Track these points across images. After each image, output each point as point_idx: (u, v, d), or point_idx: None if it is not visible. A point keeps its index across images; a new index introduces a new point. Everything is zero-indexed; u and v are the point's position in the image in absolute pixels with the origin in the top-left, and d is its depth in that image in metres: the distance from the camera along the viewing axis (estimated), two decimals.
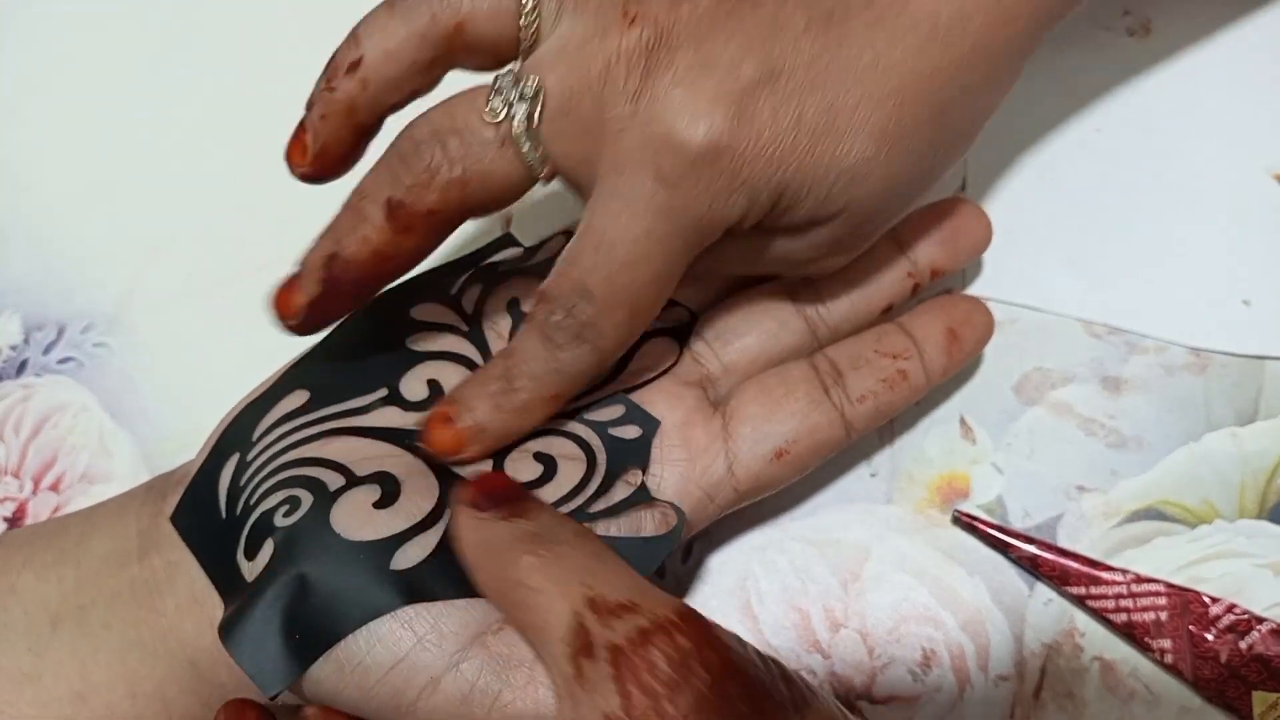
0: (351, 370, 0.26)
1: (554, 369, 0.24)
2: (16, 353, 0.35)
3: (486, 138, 0.23)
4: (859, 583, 0.29)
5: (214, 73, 0.38)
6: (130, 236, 0.36)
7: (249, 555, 0.23)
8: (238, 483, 0.24)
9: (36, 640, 0.24)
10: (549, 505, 0.23)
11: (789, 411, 0.27)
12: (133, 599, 0.24)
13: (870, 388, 0.27)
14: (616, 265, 0.23)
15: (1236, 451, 0.30)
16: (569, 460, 0.25)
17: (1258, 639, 0.27)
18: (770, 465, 0.26)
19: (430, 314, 0.27)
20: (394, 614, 0.22)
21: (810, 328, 0.28)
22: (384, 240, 0.24)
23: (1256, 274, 0.32)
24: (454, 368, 0.26)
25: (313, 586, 0.22)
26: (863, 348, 0.28)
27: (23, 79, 0.39)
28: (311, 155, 0.25)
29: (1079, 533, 0.29)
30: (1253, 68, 0.34)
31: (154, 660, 0.23)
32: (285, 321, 0.25)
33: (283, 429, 0.25)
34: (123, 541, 0.24)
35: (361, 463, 0.24)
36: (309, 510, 0.23)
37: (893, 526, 0.30)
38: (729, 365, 0.28)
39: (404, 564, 0.22)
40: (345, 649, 0.22)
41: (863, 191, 0.24)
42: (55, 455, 0.33)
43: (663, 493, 0.25)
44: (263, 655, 0.21)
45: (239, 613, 0.22)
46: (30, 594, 0.24)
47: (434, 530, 0.23)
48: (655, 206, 0.22)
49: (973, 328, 0.29)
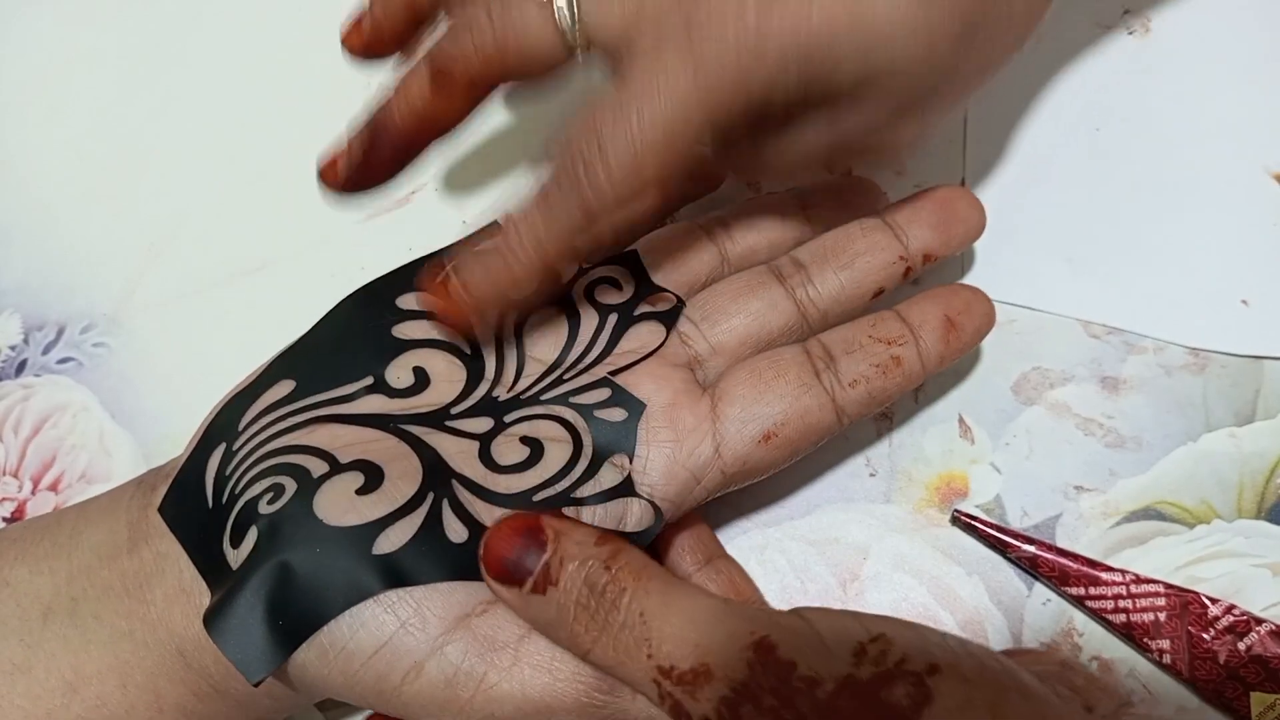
0: (337, 359, 0.26)
1: (548, 225, 0.24)
2: (16, 352, 0.35)
3: (528, 5, 0.25)
4: (858, 582, 0.29)
5: (214, 73, 0.38)
6: (130, 236, 0.36)
7: (234, 543, 0.23)
8: (224, 472, 0.24)
9: (29, 632, 0.24)
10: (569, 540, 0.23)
11: (778, 393, 0.26)
12: (124, 590, 0.24)
13: (863, 372, 0.27)
14: (640, 133, 0.23)
15: (1235, 452, 0.30)
16: (555, 443, 0.25)
17: (1256, 640, 0.27)
18: (758, 448, 0.26)
19: (415, 303, 0.27)
20: (376, 599, 0.22)
21: (800, 310, 0.28)
22: (426, 105, 0.26)
23: (1255, 274, 0.32)
24: (440, 355, 0.26)
25: (296, 573, 0.22)
26: (857, 332, 0.28)
27: (23, 79, 0.39)
28: (367, 33, 0.27)
29: (1077, 533, 0.29)
30: (1252, 67, 0.34)
31: (145, 651, 0.23)
32: (328, 184, 0.27)
33: (268, 418, 0.25)
34: (113, 534, 0.25)
35: (345, 449, 0.24)
36: (292, 497, 0.23)
37: (891, 526, 0.30)
38: (717, 346, 0.28)
39: (386, 548, 0.22)
40: (329, 634, 0.22)
41: (902, 52, 0.23)
42: (55, 455, 0.33)
43: (649, 474, 0.25)
44: (247, 643, 0.22)
45: (223, 601, 0.22)
46: (23, 586, 0.24)
47: (417, 514, 0.23)
48: (687, 78, 0.23)
49: (972, 317, 0.28)
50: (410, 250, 0.35)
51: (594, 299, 0.28)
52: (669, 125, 0.23)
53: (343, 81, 0.31)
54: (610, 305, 0.28)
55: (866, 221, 0.29)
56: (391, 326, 0.27)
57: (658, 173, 0.23)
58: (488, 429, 0.25)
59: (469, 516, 0.24)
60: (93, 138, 0.37)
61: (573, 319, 0.27)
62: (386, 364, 0.26)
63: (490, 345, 0.27)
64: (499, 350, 0.27)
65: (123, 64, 0.38)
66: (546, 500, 0.24)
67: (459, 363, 0.26)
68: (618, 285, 0.28)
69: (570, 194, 0.23)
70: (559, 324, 0.27)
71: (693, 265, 0.29)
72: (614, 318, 0.27)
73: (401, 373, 0.26)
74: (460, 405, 0.26)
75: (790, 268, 0.29)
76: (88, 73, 0.38)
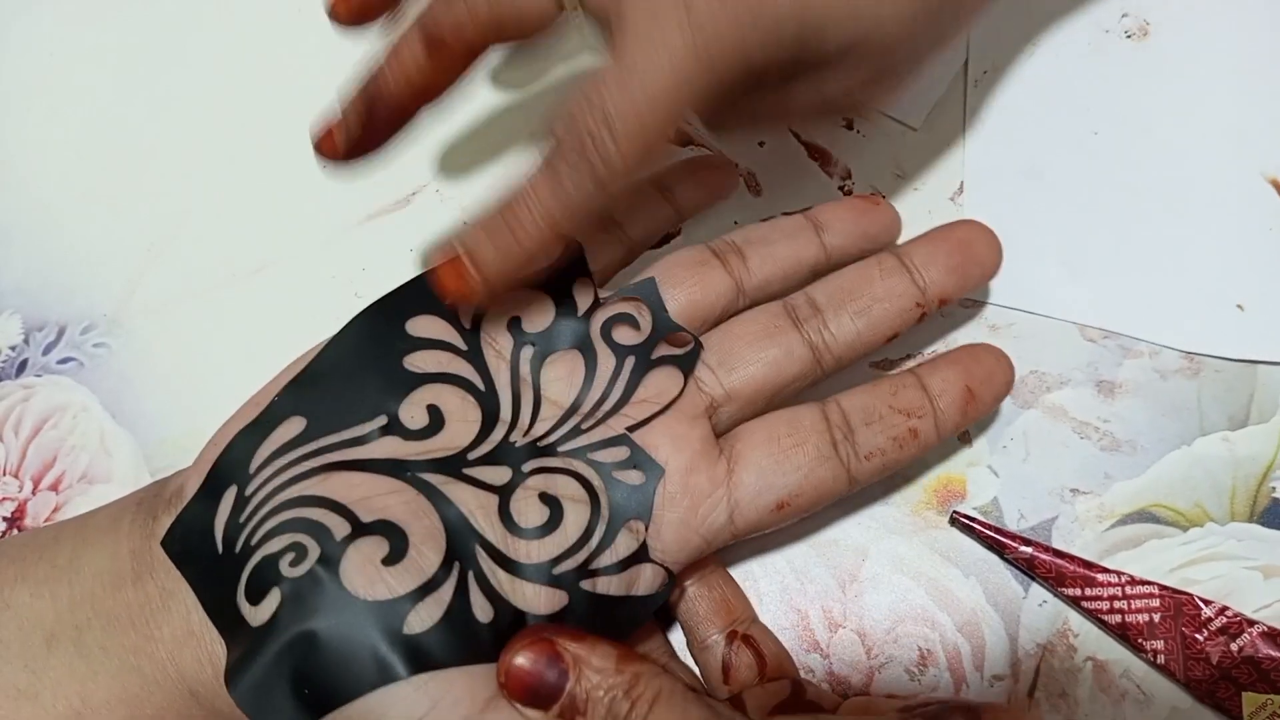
0: (348, 394, 0.25)
1: (559, 198, 0.24)
2: (16, 353, 0.35)
3: None
4: (857, 583, 0.30)
5: (214, 73, 0.38)
6: (130, 237, 0.36)
7: (252, 600, 0.23)
8: (236, 519, 0.24)
9: (32, 658, 0.24)
10: (589, 668, 0.23)
11: (795, 464, 0.26)
12: (130, 624, 0.24)
13: (879, 445, 0.27)
14: (644, 103, 0.23)
15: (1228, 455, 0.30)
16: (574, 503, 0.25)
17: (1248, 641, 0.27)
18: (770, 514, 0.26)
19: (426, 328, 0.26)
20: (408, 680, 0.22)
21: (815, 355, 0.28)
22: (420, 72, 0.26)
23: (1250, 279, 0.32)
24: (453, 390, 0.26)
25: (324, 644, 0.22)
26: (877, 402, 0.28)
27: (23, 79, 0.38)
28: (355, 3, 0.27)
29: (1073, 535, 0.30)
30: (1250, 72, 0.34)
31: (154, 687, 0.23)
32: (326, 155, 0.27)
33: (281, 461, 0.24)
34: (115, 560, 0.24)
35: (363, 503, 0.24)
36: (316, 563, 0.23)
37: (890, 528, 0.30)
38: (732, 392, 0.27)
39: (417, 628, 0.22)
40: (356, 710, 0.22)
41: (888, 16, 0.24)
42: (55, 455, 0.33)
43: (662, 539, 0.25)
44: (270, 707, 0.22)
45: (245, 661, 0.22)
46: (24, 610, 0.24)
47: (444, 589, 0.23)
48: (686, 46, 0.23)
49: (992, 386, 0.28)
50: (410, 250, 0.35)
51: (610, 339, 0.27)
52: (672, 93, 0.23)
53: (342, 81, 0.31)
54: (627, 347, 0.27)
55: (885, 262, 0.29)
56: (403, 357, 0.26)
57: (662, 136, 0.24)
58: (506, 480, 0.25)
59: (495, 594, 0.23)
60: (93, 138, 0.37)
61: (590, 360, 0.27)
62: (400, 401, 0.25)
63: (506, 384, 0.26)
64: (514, 389, 0.26)
65: (123, 64, 0.38)
66: (565, 574, 0.24)
67: (473, 400, 0.26)
68: (635, 324, 0.27)
69: (579, 165, 0.24)
70: (575, 364, 0.27)
71: (709, 297, 0.28)
72: (631, 360, 0.27)
73: (415, 412, 0.25)
74: (477, 450, 0.25)
75: (807, 310, 0.28)
76: (88, 73, 0.38)
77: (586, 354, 0.27)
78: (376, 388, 0.26)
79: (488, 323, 0.27)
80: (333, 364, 0.26)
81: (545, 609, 0.24)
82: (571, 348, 0.27)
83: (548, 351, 0.27)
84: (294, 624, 0.22)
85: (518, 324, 0.27)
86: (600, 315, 0.27)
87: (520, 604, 0.24)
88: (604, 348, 0.27)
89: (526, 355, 0.27)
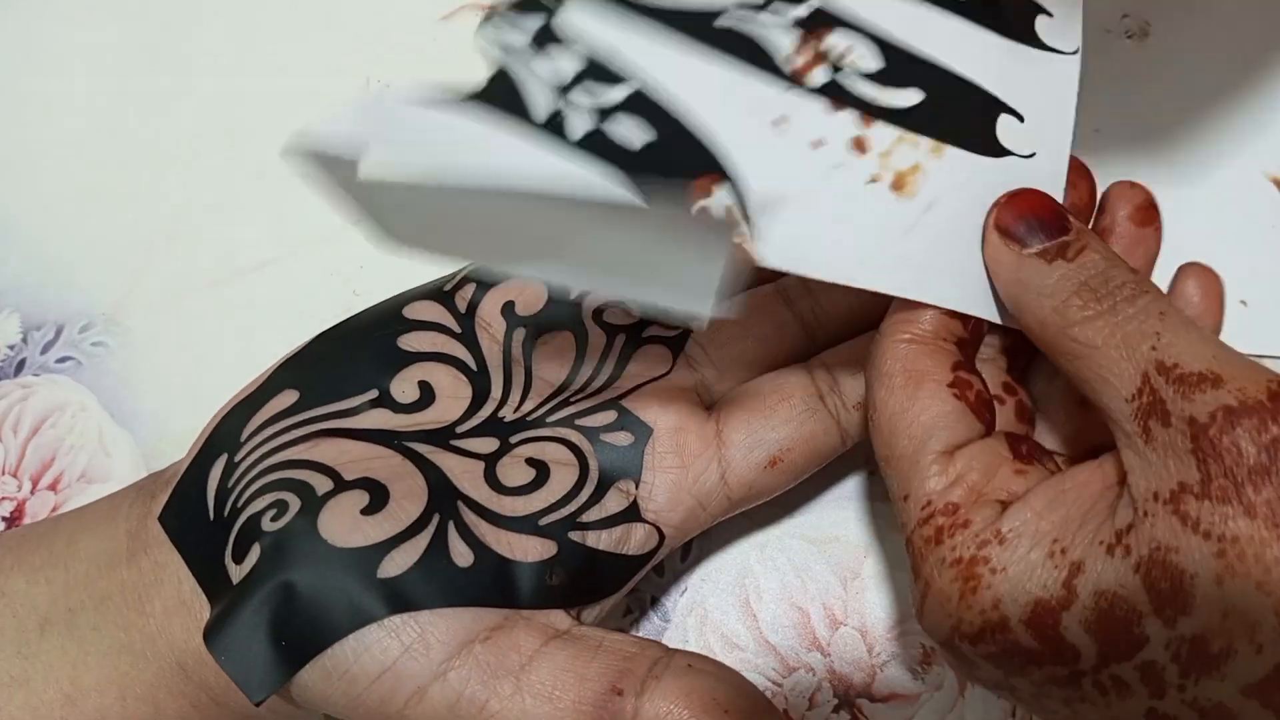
0: (342, 370, 0.26)
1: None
2: (15, 352, 0.35)
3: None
4: (859, 580, 0.30)
5: (214, 72, 0.38)
6: (129, 236, 0.36)
7: (236, 559, 0.23)
8: (226, 484, 0.24)
9: (26, 644, 0.24)
10: (1097, 242, 0.21)
11: (783, 418, 0.26)
12: (122, 601, 0.24)
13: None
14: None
15: None
16: (561, 466, 0.25)
17: None
18: (764, 473, 0.26)
19: (422, 311, 0.27)
20: (381, 623, 0.22)
21: (808, 334, 0.28)
22: None
23: (1253, 275, 0.32)
24: (446, 369, 0.26)
25: (300, 593, 0.22)
26: (861, 353, 0.27)
27: (22, 78, 0.39)
28: None
29: None
30: (1251, 71, 0.34)
31: (144, 663, 0.23)
32: None
33: (271, 429, 0.25)
34: (112, 542, 0.24)
35: (349, 465, 0.24)
36: (296, 515, 0.23)
37: (893, 524, 0.30)
38: (723, 369, 0.28)
39: (391, 571, 0.22)
40: (332, 657, 0.22)
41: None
42: (54, 455, 0.33)
43: (655, 500, 0.25)
44: (249, 661, 0.22)
45: (224, 616, 0.22)
46: (19, 597, 0.24)
47: (422, 535, 0.23)
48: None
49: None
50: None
51: (602, 320, 0.28)
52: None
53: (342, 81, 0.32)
54: (618, 327, 0.27)
55: None
56: (397, 337, 0.26)
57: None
58: (493, 450, 0.25)
59: (475, 540, 0.23)
60: (91, 136, 0.37)
61: (580, 340, 0.27)
62: (391, 377, 0.26)
63: (499, 364, 0.27)
64: (506, 368, 0.27)
65: (121, 62, 0.38)
66: (551, 524, 0.24)
67: (464, 378, 0.26)
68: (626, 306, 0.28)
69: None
70: (567, 345, 0.27)
71: None
72: (621, 339, 0.27)
73: (406, 387, 0.26)
74: (465, 424, 0.26)
75: (799, 289, 0.28)
76: (86, 71, 0.38)
77: (578, 333, 0.27)
78: (370, 364, 0.26)
79: (482, 307, 0.27)
80: (330, 342, 0.26)
81: (533, 556, 0.24)
82: (563, 329, 0.27)
83: (540, 333, 0.27)
84: (272, 575, 0.22)
85: (511, 308, 0.27)
86: (593, 298, 0.28)
87: (504, 551, 0.24)
88: (595, 328, 0.27)
89: (519, 337, 0.27)
